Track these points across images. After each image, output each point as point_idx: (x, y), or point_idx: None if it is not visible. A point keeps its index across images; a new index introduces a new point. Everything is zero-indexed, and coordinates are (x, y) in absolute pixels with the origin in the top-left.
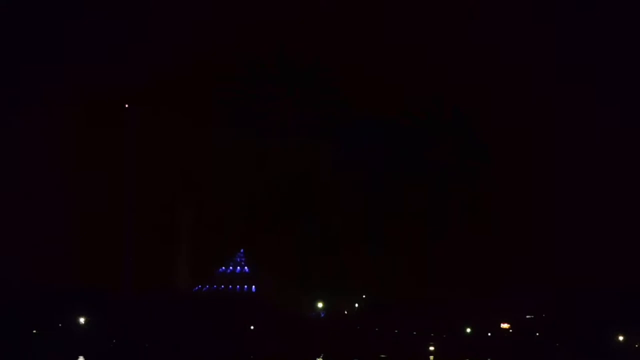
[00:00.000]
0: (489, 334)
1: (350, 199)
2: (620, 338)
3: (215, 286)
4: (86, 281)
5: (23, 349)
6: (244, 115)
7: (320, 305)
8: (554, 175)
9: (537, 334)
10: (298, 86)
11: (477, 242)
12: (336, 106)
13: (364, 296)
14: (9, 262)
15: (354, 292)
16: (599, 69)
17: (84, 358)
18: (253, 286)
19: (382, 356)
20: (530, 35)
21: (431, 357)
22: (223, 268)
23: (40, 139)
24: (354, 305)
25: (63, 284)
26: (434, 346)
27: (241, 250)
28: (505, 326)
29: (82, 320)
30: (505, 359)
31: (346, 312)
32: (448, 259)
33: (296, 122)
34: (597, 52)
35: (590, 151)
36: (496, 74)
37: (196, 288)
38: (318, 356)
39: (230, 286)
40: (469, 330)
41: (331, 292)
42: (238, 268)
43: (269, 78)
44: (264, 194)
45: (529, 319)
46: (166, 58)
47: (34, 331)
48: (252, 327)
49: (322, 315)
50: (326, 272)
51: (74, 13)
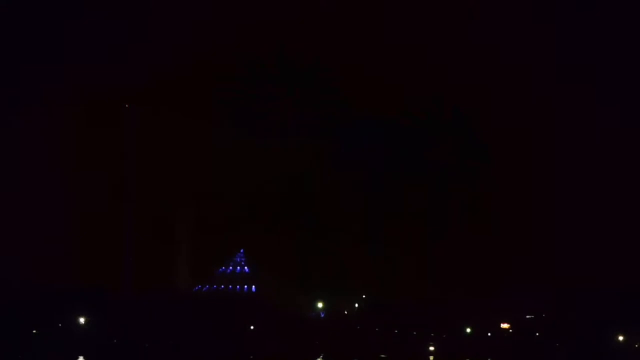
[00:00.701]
0: (489, 334)
1: (350, 199)
2: (620, 338)
3: (215, 286)
4: (86, 281)
5: (23, 349)
6: (244, 115)
7: (320, 305)
8: (554, 176)
9: (537, 334)
10: (298, 86)
11: (477, 242)
12: (336, 106)
13: (364, 296)
14: (9, 262)
15: (354, 292)
16: (599, 69)
17: (84, 358)
18: (253, 286)
19: (382, 356)
20: (530, 35)
21: (431, 357)
22: (223, 268)
23: (40, 139)
24: (354, 305)
25: (63, 284)
26: (434, 346)
27: (241, 250)
28: (505, 326)
29: (82, 320)
30: (505, 359)
31: (346, 312)
32: (448, 259)
33: (296, 122)
34: (597, 52)
35: (590, 151)
36: (496, 74)
37: (196, 288)
38: (318, 356)
39: (230, 286)
40: (469, 330)
41: (331, 292)
42: (238, 268)
43: (269, 78)
44: (264, 194)
45: (529, 319)
46: (166, 58)
47: (34, 331)
48: (252, 327)
49: (322, 315)
50: (326, 272)
51: (74, 13)
